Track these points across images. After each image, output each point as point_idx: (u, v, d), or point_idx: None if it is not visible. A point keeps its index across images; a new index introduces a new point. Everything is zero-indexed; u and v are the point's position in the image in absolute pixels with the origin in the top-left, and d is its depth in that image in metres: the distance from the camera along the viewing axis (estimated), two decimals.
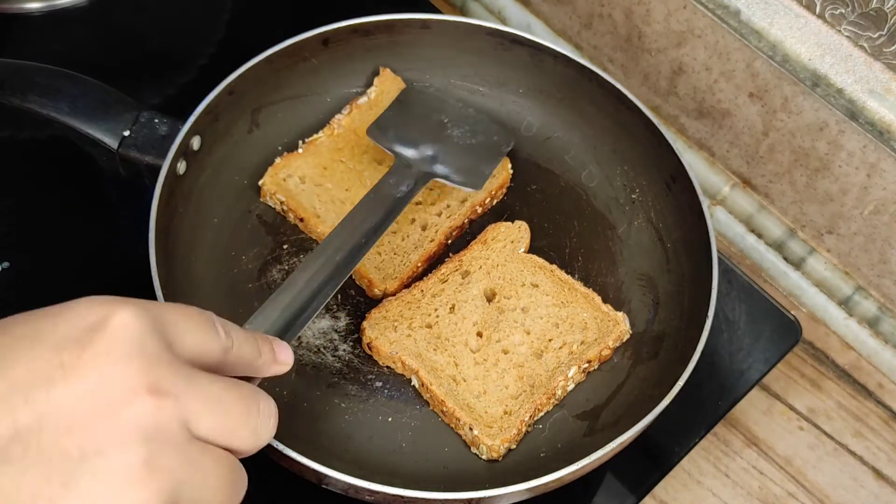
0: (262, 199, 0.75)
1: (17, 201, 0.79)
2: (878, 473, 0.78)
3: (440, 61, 0.81)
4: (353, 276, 0.72)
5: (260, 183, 0.74)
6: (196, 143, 0.71)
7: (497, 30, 0.78)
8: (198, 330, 0.43)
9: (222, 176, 0.75)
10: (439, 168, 0.72)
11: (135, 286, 0.66)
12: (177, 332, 0.42)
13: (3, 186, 0.80)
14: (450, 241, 0.75)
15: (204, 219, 0.73)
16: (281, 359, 0.50)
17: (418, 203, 0.75)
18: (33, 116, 0.70)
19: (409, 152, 0.72)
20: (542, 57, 0.79)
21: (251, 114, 0.77)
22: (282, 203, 0.74)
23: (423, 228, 0.74)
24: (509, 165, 0.78)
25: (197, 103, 0.70)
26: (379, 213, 0.66)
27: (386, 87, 0.80)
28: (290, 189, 0.74)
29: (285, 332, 0.55)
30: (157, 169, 0.67)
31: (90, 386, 0.38)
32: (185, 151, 0.70)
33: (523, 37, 0.78)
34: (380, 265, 0.72)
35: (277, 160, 0.75)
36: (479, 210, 0.77)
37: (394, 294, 0.71)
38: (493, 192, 0.77)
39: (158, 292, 0.62)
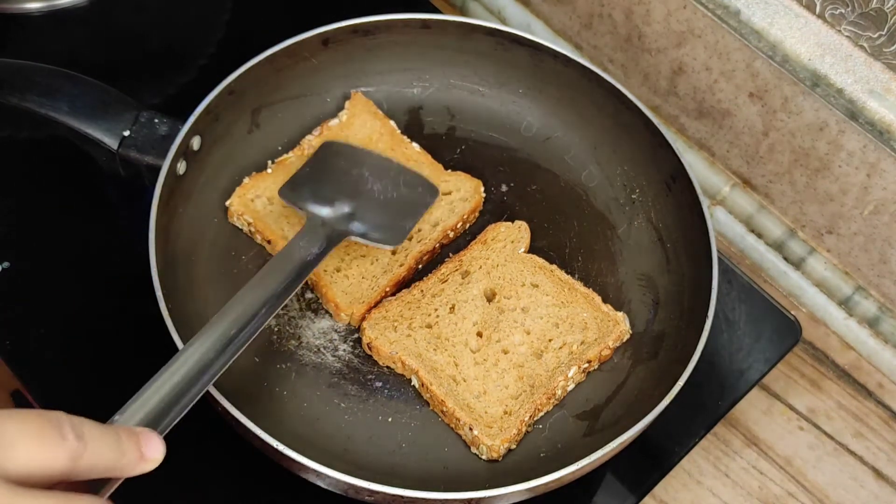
0: (229, 220, 0.73)
1: (17, 201, 0.79)
2: (878, 473, 0.78)
3: (440, 61, 0.81)
4: (321, 301, 0.71)
5: (227, 203, 0.73)
6: (196, 143, 0.71)
7: (497, 30, 0.78)
8: (33, 441, 0.38)
9: (222, 176, 0.75)
10: (356, 226, 0.68)
11: (135, 286, 0.66)
12: (4, 448, 0.37)
13: (3, 186, 0.80)
14: (420, 266, 0.74)
15: (204, 219, 0.73)
16: (148, 455, 0.44)
17: None
18: (33, 116, 0.70)
19: (322, 210, 0.68)
20: (542, 57, 0.79)
21: (251, 114, 0.77)
22: (249, 224, 0.72)
23: (393, 253, 0.73)
24: (482, 189, 0.77)
25: (197, 103, 0.70)
26: (284, 278, 0.62)
27: (357, 111, 0.78)
28: (257, 210, 0.73)
29: (164, 417, 0.49)
30: (157, 169, 0.67)
31: None
32: (185, 151, 0.70)
33: (523, 37, 0.78)
34: (347, 289, 0.70)
35: (246, 180, 0.74)
36: (452, 235, 0.75)
37: (361, 319, 0.70)
38: (465, 217, 0.75)
39: (158, 292, 0.62)
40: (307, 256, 0.64)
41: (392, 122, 0.79)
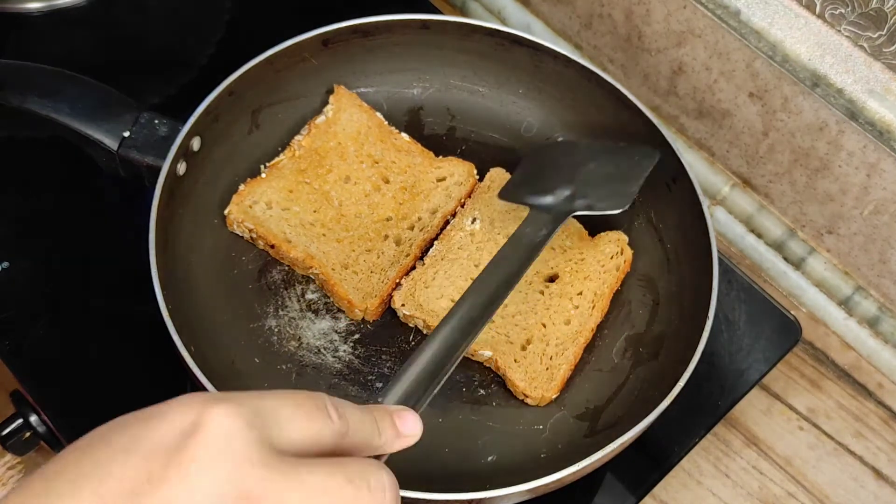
0: (228, 228, 0.73)
1: (17, 201, 0.79)
2: (878, 473, 0.78)
3: (440, 62, 0.81)
4: (333, 300, 0.71)
5: (225, 212, 0.72)
6: (196, 143, 0.71)
7: (497, 30, 0.78)
8: (305, 418, 0.40)
9: (222, 177, 0.74)
10: (580, 203, 0.70)
11: (135, 287, 0.66)
12: (279, 424, 0.39)
13: (3, 186, 0.80)
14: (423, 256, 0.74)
15: (204, 219, 0.73)
16: (405, 431, 0.47)
17: (389, 219, 0.74)
18: (33, 117, 0.70)
19: (545, 200, 0.70)
20: (541, 57, 0.79)
21: (251, 114, 0.77)
22: (250, 231, 0.72)
23: (398, 244, 0.73)
24: (475, 171, 0.77)
25: (197, 104, 0.70)
26: (515, 262, 0.64)
27: (343, 104, 0.78)
28: (257, 216, 0.72)
29: (419, 397, 0.52)
30: (157, 170, 0.67)
31: (176, 500, 0.35)
32: (185, 152, 0.69)
33: (523, 37, 0.78)
34: (358, 285, 0.71)
35: (241, 187, 0.73)
36: (451, 219, 0.75)
37: (376, 315, 0.71)
38: (461, 201, 0.76)
39: (158, 293, 0.62)
40: (536, 239, 0.66)
41: (378, 114, 0.79)
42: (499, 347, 0.68)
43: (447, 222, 0.75)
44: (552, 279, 0.72)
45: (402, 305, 0.69)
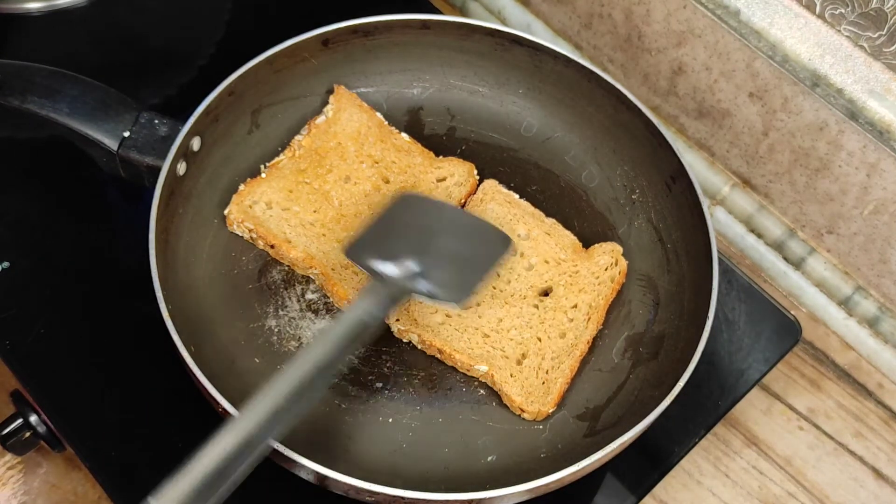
0: (228, 228, 0.73)
1: (17, 201, 0.79)
2: (878, 473, 0.78)
3: (440, 61, 0.81)
4: (333, 300, 0.71)
5: (225, 212, 0.72)
6: (196, 143, 0.71)
7: (497, 30, 0.78)
8: None
9: (222, 177, 0.74)
10: (422, 284, 0.64)
11: (135, 286, 0.66)
12: None
13: (2, 186, 0.80)
14: None
15: (204, 219, 0.73)
16: None
17: None
18: (33, 117, 0.70)
19: (388, 269, 0.64)
20: (541, 57, 0.79)
21: (251, 115, 0.77)
22: (250, 231, 0.72)
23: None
24: (475, 172, 0.77)
25: (197, 104, 0.70)
26: (336, 344, 0.58)
27: (343, 104, 0.78)
28: (257, 216, 0.72)
29: (206, 498, 0.47)
30: (157, 170, 0.67)
31: None
32: (185, 152, 0.69)
33: (523, 37, 0.78)
34: (357, 285, 0.71)
35: (241, 187, 0.73)
36: None
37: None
38: (461, 201, 0.76)
39: (158, 293, 0.62)
40: (367, 319, 0.60)
41: (379, 114, 0.79)
42: (494, 362, 0.68)
43: None
44: (546, 293, 0.72)
45: (397, 321, 0.69)
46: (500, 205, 0.75)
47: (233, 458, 0.49)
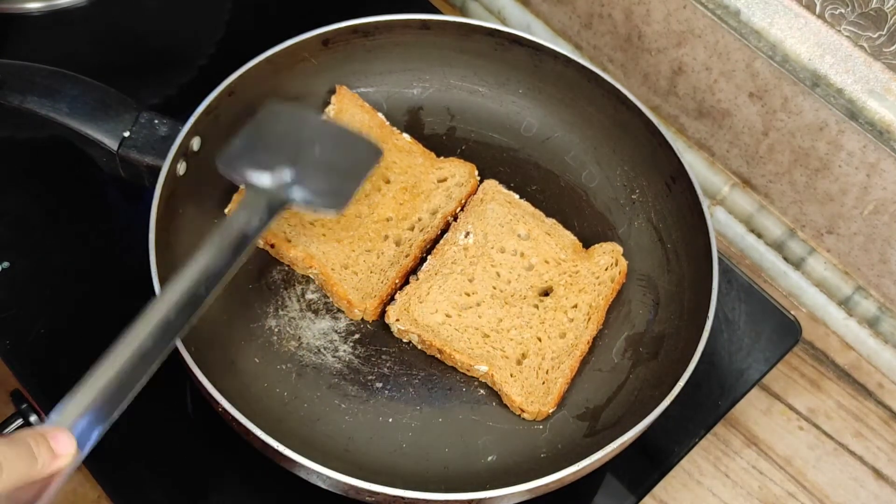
0: None
1: (17, 201, 0.79)
2: (878, 473, 0.78)
3: (440, 62, 0.81)
4: (332, 299, 0.71)
5: (225, 212, 0.73)
6: (196, 143, 0.71)
7: (497, 30, 0.78)
8: None
9: (222, 177, 0.74)
10: (297, 193, 0.64)
11: (135, 286, 0.66)
12: None
13: (2, 186, 0.80)
14: (424, 255, 0.74)
15: (204, 219, 0.73)
16: (59, 452, 0.45)
17: (389, 219, 0.74)
18: (33, 117, 0.70)
19: (262, 179, 0.63)
20: (541, 57, 0.79)
21: (251, 114, 0.76)
22: None
23: (398, 244, 0.73)
24: (476, 172, 0.77)
25: (197, 103, 0.70)
26: (221, 256, 0.58)
27: (344, 105, 0.78)
28: None
29: (107, 409, 0.48)
30: (157, 170, 0.67)
31: None
32: (185, 152, 0.69)
33: (523, 37, 0.78)
34: (357, 285, 0.71)
35: (241, 187, 0.73)
36: (452, 220, 0.75)
37: (375, 315, 0.71)
38: (462, 202, 0.76)
39: (158, 293, 0.62)
40: (247, 230, 0.60)
41: (380, 114, 0.79)
42: (494, 362, 0.68)
43: (448, 224, 0.75)
44: (546, 293, 0.72)
45: (397, 321, 0.69)
46: (500, 205, 0.75)
47: (130, 369, 0.50)
